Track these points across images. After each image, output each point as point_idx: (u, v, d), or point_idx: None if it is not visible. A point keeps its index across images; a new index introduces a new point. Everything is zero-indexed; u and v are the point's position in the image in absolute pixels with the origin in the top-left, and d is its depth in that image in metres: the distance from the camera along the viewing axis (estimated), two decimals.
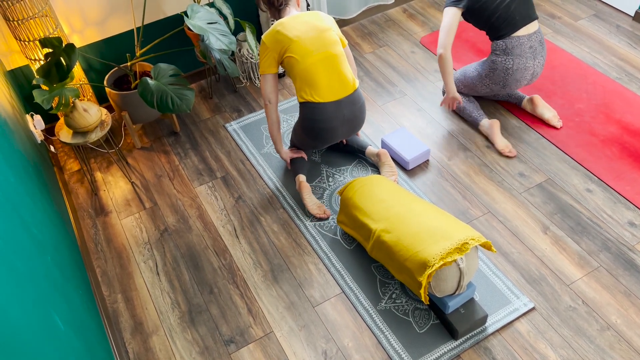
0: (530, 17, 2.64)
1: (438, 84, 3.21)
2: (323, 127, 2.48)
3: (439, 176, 2.72)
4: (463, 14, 2.69)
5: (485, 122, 2.83)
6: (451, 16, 2.62)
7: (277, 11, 2.54)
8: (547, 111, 2.88)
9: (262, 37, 2.47)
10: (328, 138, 2.53)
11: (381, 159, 2.70)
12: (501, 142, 2.79)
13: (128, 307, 2.33)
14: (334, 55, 2.44)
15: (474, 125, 2.91)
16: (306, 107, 2.47)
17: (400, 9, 3.80)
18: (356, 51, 3.49)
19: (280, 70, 3.30)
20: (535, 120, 2.93)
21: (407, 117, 3.03)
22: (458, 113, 2.99)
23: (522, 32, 2.63)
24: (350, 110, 2.49)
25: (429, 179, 2.71)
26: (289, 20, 2.45)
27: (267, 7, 2.56)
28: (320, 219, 2.57)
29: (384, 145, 2.81)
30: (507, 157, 2.77)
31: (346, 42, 2.58)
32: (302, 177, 2.64)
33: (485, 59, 2.79)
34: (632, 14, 3.53)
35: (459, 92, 2.96)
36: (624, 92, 3.03)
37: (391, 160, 2.74)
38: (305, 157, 2.70)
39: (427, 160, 2.80)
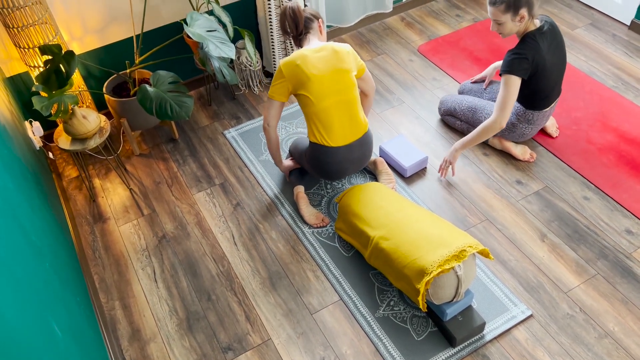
0: (560, 93, 2.65)
1: (436, 92, 3.23)
2: (332, 169, 2.48)
3: (437, 183, 2.73)
4: None
5: (494, 138, 2.84)
6: (516, 87, 2.45)
7: (298, 40, 2.47)
8: None
9: (280, 63, 2.38)
10: (335, 176, 2.52)
11: (378, 166, 2.71)
12: (516, 149, 2.79)
13: (126, 314, 2.33)
14: (349, 100, 2.39)
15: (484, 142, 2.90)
16: (316, 148, 2.44)
17: (398, 18, 3.83)
18: None
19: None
20: None
21: (405, 124, 3.05)
22: (463, 132, 2.97)
23: (550, 106, 2.65)
24: (361, 152, 2.48)
25: (427, 186, 2.72)
26: (311, 54, 2.35)
27: (287, 36, 2.51)
28: (316, 227, 2.57)
29: (382, 152, 2.82)
30: (528, 162, 2.78)
31: (365, 67, 2.50)
32: (300, 188, 2.64)
33: (475, 107, 2.77)
34: (628, 24, 3.56)
35: (459, 121, 2.92)
36: (620, 101, 3.05)
37: (389, 167, 2.75)
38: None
39: (425, 167, 2.81)
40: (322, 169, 2.48)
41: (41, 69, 2.65)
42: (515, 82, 2.44)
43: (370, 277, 2.37)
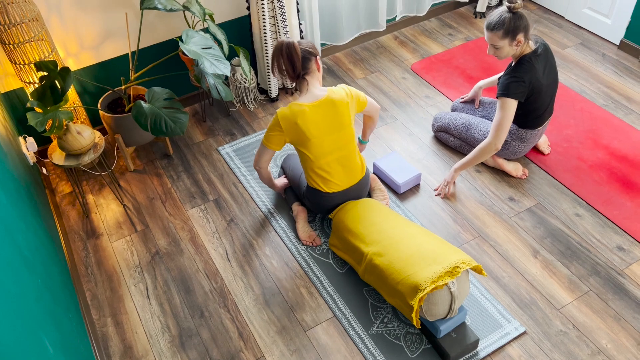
0: (552, 112, 2.70)
1: (428, 109, 3.26)
2: (329, 209, 2.52)
3: (430, 200, 2.74)
4: None
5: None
6: (513, 110, 2.48)
7: (295, 82, 2.37)
8: None
9: (278, 114, 2.30)
10: (331, 212, 2.55)
11: (372, 183, 2.72)
12: (509, 166, 2.81)
13: (118, 331, 2.31)
14: (348, 154, 2.40)
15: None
16: (313, 192, 2.46)
17: (391, 36, 3.88)
18: (348, 77, 3.54)
19: (275, 93, 3.34)
20: None
21: (398, 141, 3.07)
22: (458, 150, 2.98)
23: (542, 125, 2.69)
24: (357, 193, 2.51)
25: (420, 202, 2.73)
26: (310, 111, 2.28)
27: (282, 76, 2.37)
28: (307, 245, 2.57)
29: (376, 169, 2.84)
30: (521, 178, 2.80)
31: (366, 100, 2.45)
32: (299, 204, 2.65)
33: (469, 123, 2.78)
34: (618, 43, 3.62)
35: (452, 137, 2.94)
36: (610, 119, 3.09)
37: (382, 184, 2.77)
38: None
39: (419, 184, 2.82)
40: (319, 208, 2.52)
41: (36, 85, 2.66)
42: (512, 105, 2.47)
43: (364, 293, 2.36)
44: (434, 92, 3.38)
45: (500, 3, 4.06)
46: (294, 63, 2.26)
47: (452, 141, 2.95)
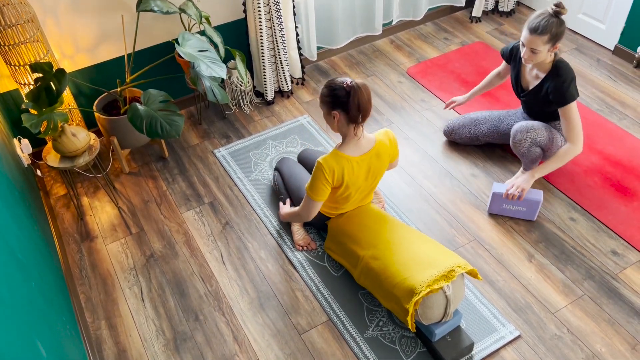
0: None
1: (424, 113, 3.27)
2: (325, 223, 2.53)
3: (426, 204, 2.74)
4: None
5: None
6: (577, 109, 2.49)
7: (351, 127, 2.13)
8: None
9: (325, 166, 2.12)
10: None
11: None
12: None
13: (112, 334, 2.30)
14: (370, 194, 2.43)
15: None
16: (318, 214, 2.45)
17: (387, 40, 3.89)
18: None
19: (271, 96, 3.34)
20: None
21: None
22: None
23: None
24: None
25: (416, 206, 2.74)
26: (357, 165, 2.17)
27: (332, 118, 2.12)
28: (301, 250, 2.56)
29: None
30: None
31: (397, 156, 2.36)
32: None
33: (550, 130, 2.64)
34: (612, 49, 3.64)
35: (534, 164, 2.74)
36: (605, 124, 3.11)
37: (377, 189, 2.77)
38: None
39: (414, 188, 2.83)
40: (317, 225, 2.55)
41: (31, 87, 2.65)
42: (575, 105, 2.46)
43: (359, 297, 2.36)
44: (429, 96, 3.39)
45: (495, 8, 4.08)
46: (363, 111, 2.07)
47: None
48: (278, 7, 3.02)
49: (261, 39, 3.08)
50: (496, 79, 2.92)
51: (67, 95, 2.83)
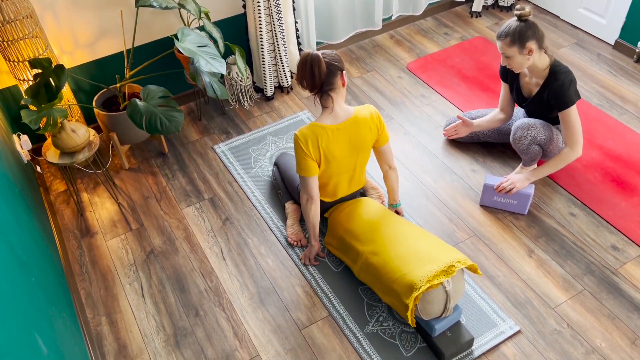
0: None
1: (424, 108, 3.26)
2: (321, 211, 2.53)
3: (426, 199, 2.74)
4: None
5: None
6: (577, 112, 2.47)
7: (319, 98, 2.24)
8: None
9: (300, 137, 2.20)
10: (325, 212, 2.55)
11: (367, 182, 2.72)
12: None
13: (112, 330, 2.30)
14: (359, 173, 2.42)
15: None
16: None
17: (387, 35, 3.88)
18: None
19: (271, 92, 3.34)
20: None
21: (393, 141, 3.07)
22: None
23: None
24: (351, 197, 2.52)
25: (415, 201, 2.73)
26: (333, 134, 2.21)
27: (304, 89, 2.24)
28: (292, 245, 2.56)
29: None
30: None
31: (387, 138, 2.37)
32: (292, 202, 2.64)
33: (550, 130, 2.62)
34: (612, 43, 3.64)
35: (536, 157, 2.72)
36: (605, 119, 3.10)
37: (375, 183, 2.77)
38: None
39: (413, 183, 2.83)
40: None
41: (31, 83, 2.65)
42: (575, 108, 2.46)
43: (359, 292, 2.36)
44: (429, 92, 3.38)
45: (495, 3, 4.07)
46: (315, 77, 2.13)
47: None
48: (277, 2, 3.01)
49: (261, 35, 3.08)
50: (497, 122, 2.83)
51: (66, 91, 2.83)
